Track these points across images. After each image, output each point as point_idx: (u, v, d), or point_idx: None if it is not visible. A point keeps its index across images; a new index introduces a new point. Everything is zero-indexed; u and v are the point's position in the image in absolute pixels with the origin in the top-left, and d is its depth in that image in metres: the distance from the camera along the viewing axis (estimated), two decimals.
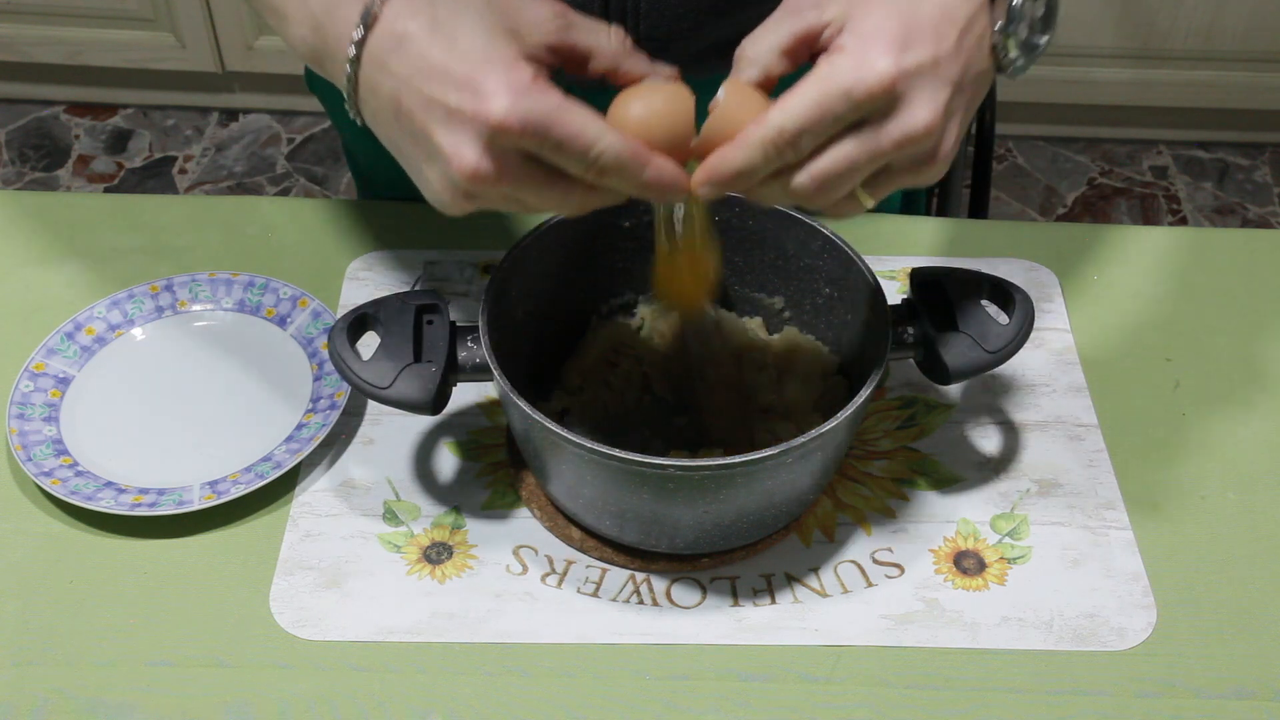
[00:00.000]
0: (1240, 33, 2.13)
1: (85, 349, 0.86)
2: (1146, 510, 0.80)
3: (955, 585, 0.76)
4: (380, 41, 0.58)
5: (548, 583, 0.76)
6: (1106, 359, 0.89)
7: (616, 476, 0.69)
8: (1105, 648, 0.73)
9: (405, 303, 0.75)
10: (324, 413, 0.82)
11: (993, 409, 0.85)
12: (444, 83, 0.56)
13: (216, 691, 0.70)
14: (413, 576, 0.76)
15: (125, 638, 0.72)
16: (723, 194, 0.60)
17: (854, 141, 0.57)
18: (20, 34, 2.22)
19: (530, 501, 0.79)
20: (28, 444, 0.80)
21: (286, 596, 0.74)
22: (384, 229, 0.96)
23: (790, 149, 0.57)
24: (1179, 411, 0.86)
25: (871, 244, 0.95)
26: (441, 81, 0.56)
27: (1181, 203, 2.25)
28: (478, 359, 0.73)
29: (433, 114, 0.57)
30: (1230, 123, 2.31)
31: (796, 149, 0.57)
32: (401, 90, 0.57)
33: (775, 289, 0.84)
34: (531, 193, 0.59)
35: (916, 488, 0.81)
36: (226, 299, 0.90)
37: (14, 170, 2.26)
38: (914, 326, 0.75)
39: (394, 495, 0.80)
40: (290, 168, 2.28)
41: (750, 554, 0.77)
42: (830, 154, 0.58)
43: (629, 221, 0.81)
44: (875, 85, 0.56)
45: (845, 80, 0.56)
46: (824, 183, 0.58)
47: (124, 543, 0.77)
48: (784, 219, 0.79)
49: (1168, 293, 0.93)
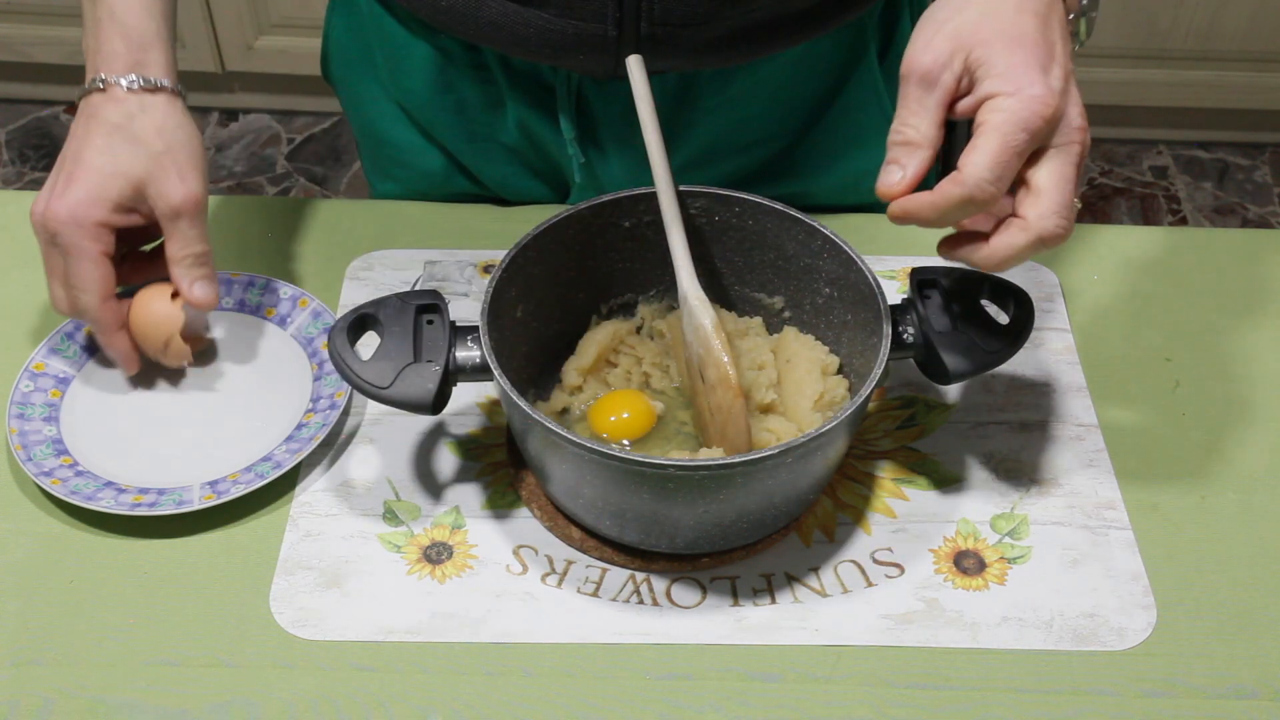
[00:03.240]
0: (1240, 33, 2.13)
1: (85, 349, 0.86)
2: (1146, 510, 0.80)
3: (955, 585, 0.76)
4: (83, 105, 0.81)
5: (548, 583, 0.76)
6: (1106, 359, 0.89)
7: (616, 476, 0.69)
8: (1105, 648, 0.73)
9: (405, 303, 0.75)
10: (324, 413, 0.82)
11: (993, 409, 0.85)
12: (60, 167, 0.80)
13: (216, 691, 0.70)
14: (413, 576, 0.76)
15: (125, 638, 0.72)
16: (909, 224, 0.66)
17: (1055, 164, 0.64)
18: (20, 34, 2.22)
19: (530, 501, 0.79)
20: (28, 444, 0.80)
21: (286, 596, 0.74)
22: (384, 229, 0.96)
23: (985, 196, 0.62)
24: (1179, 411, 0.86)
25: (871, 244, 0.95)
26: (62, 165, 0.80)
27: (1181, 203, 2.25)
28: (478, 359, 0.73)
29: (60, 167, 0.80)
30: (1230, 123, 2.31)
31: (991, 194, 0.62)
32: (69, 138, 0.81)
33: (775, 289, 0.84)
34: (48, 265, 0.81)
35: (916, 488, 0.81)
36: (226, 299, 0.90)
37: (14, 170, 2.26)
38: (914, 326, 0.75)
39: (394, 495, 0.80)
40: (290, 168, 2.28)
41: (750, 554, 0.77)
42: (1053, 187, 0.63)
43: (629, 221, 0.81)
44: (1046, 113, 0.62)
45: (1020, 119, 0.62)
46: (1066, 210, 0.64)
47: (124, 543, 0.77)
48: (784, 219, 0.79)
49: (1168, 293, 0.93)
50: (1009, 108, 0.62)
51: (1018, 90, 0.62)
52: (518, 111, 0.94)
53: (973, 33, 0.64)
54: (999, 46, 0.63)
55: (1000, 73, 0.63)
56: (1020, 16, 0.64)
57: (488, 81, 0.93)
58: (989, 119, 0.62)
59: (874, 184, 1.00)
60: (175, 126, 0.80)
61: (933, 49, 0.64)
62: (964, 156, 0.62)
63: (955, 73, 0.64)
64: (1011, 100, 0.62)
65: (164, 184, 0.79)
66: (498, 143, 0.97)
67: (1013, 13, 0.64)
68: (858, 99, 0.95)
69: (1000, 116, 0.62)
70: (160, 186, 0.78)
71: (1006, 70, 0.63)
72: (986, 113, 0.63)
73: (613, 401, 0.80)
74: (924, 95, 0.65)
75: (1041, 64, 0.63)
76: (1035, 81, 0.62)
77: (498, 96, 0.94)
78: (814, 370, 0.81)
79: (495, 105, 0.94)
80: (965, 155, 0.62)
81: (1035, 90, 0.62)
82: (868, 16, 0.92)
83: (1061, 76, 0.63)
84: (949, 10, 0.66)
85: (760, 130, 0.95)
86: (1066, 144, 0.64)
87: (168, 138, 0.79)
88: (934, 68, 0.64)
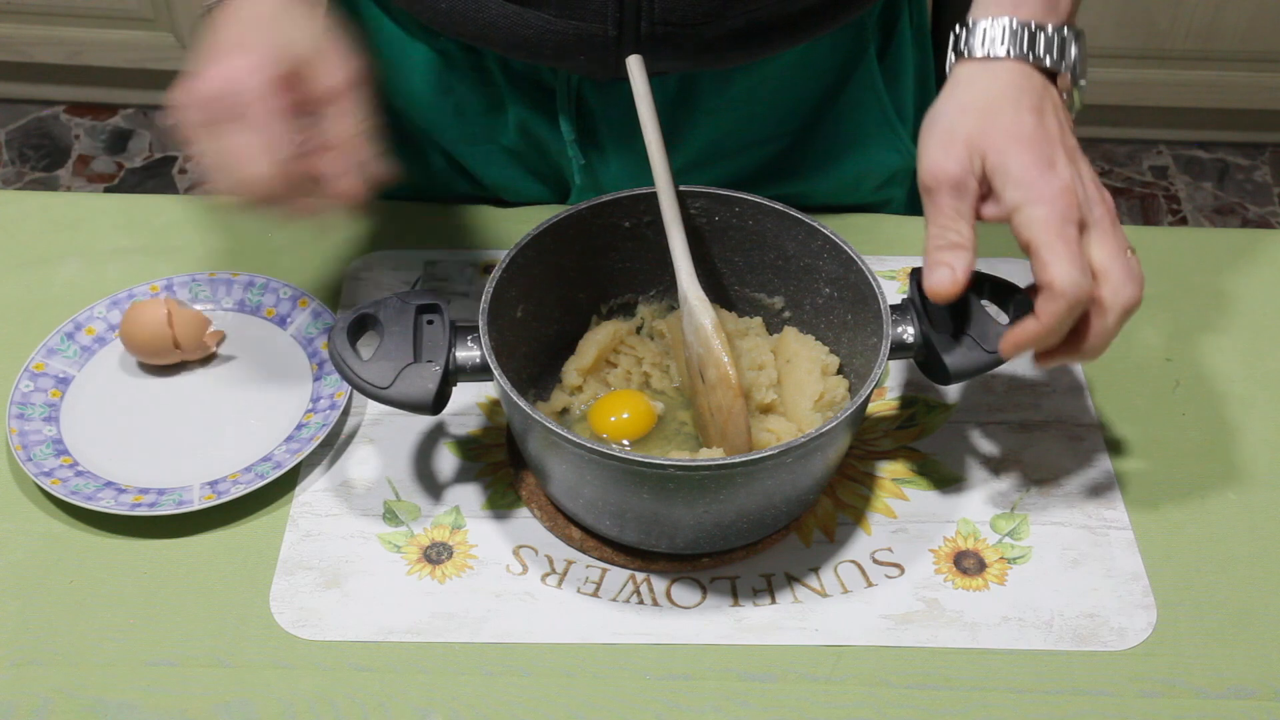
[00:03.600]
0: (1240, 33, 2.13)
1: (85, 349, 0.86)
2: (1146, 510, 0.80)
3: (955, 585, 0.76)
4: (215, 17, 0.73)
5: (548, 583, 0.76)
6: (1107, 359, 0.88)
7: (616, 476, 0.69)
8: (1105, 648, 0.73)
9: (405, 303, 0.75)
10: (324, 413, 0.82)
11: (993, 409, 0.85)
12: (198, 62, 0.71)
13: (216, 691, 0.70)
14: (413, 576, 0.76)
15: (125, 638, 0.72)
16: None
17: (1099, 241, 0.68)
18: (20, 34, 2.22)
19: (530, 501, 0.79)
20: (28, 444, 0.80)
21: (286, 596, 0.74)
22: (384, 229, 0.96)
23: (1083, 293, 0.67)
24: (1179, 411, 0.86)
25: (871, 244, 0.95)
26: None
27: (1181, 203, 2.25)
28: (478, 359, 0.73)
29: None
30: (1230, 123, 2.31)
31: (1087, 288, 0.67)
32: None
33: (775, 289, 0.84)
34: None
35: (916, 488, 0.81)
36: (226, 299, 0.90)
37: (14, 170, 2.26)
38: (914, 326, 0.75)
39: (394, 495, 0.80)
40: None
41: (750, 554, 0.77)
42: (1110, 261, 0.68)
43: (629, 221, 0.81)
44: (1074, 200, 0.68)
45: (1060, 216, 0.67)
46: (1131, 274, 0.69)
47: (124, 543, 0.77)
48: (784, 219, 0.79)
49: (1168, 293, 0.93)
50: (1044, 215, 0.67)
51: (1039, 194, 0.67)
52: (518, 114, 0.94)
53: (983, 139, 0.69)
54: (1011, 152, 0.68)
55: (1017, 179, 0.68)
56: (1019, 116, 0.69)
57: (488, 84, 0.93)
58: (1034, 232, 0.67)
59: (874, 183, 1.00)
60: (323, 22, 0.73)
61: (953, 157, 0.69)
62: (1040, 273, 0.67)
63: (977, 176, 0.69)
64: (1042, 207, 0.67)
65: (328, 62, 0.71)
66: (498, 145, 0.97)
67: (1011, 113, 0.70)
68: (857, 98, 0.95)
69: (1041, 225, 0.67)
70: (325, 64, 0.71)
71: (1022, 176, 0.68)
72: (1027, 225, 0.68)
73: (613, 402, 0.80)
74: (957, 202, 0.69)
75: (1049, 159, 0.68)
76: (1050, 180, 0.68)
77: (498, 99, 0.94)
78: (814, 370, 0.81)
79: (495, 108, 0.94)
80: (1040, 272, 0.67)
81: (1054, 186, 0.67)
82: (867, 16, 0.92)
83: (1067, 161, 0.69)
84: (953, 116, 0.71)
85: (760, 130, 0.95)
86: (1098, 218, 0.68)
87: (319, 25, 0.73)
88: (960, 175, 0.69)
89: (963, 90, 0.72)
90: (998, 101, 0.70)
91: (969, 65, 0.73)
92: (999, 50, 0.71)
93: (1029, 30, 0.71)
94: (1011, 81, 0.71)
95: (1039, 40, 0.72)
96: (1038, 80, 0.72)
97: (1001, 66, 0.71)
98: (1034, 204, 0.67)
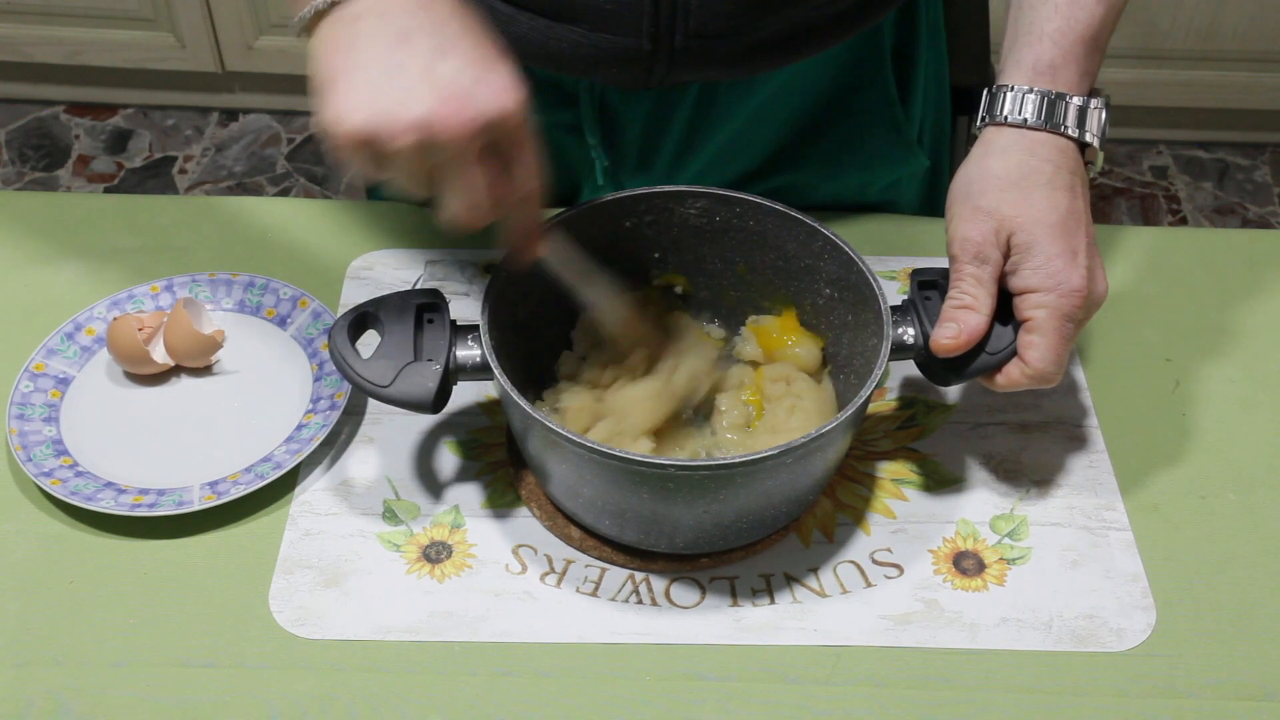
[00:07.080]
0: (1240, 33, 2.13)
1: (85, 349, 0.86)
2: (1146, 510, 0.80)
3: (955, 586, 0.76)
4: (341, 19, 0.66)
5: (547, 582, 0.76)
6: (1106, 359, 0.89)
7: (616, 476, 0.69)
8: (1105, 648, 0.73)
9: (406, 301, 0.75)
10: (324, 413, 0.82)
11: (992, 410, 0.85)
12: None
13: (216, 691, 0.70)
14: (412, 576, 0.76)
15: (125, 638, 0.72)
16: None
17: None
18: (20, 34, 2.22)
19: (529, 501, 0.79)
20: (28, 444, 0.80)
21: (286, 596, 0.74)
22: (384, 229, 0.96)
23: (1051, 382, 0.73)
24: (1179, 411, 0.86)
25: (871, 244, 0.95)
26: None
27: (1181, 203, 2.25)
28: (478, 358, 0.73)
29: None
30: (1230, 123, 2.31)
31: (1056, 380, 0.73)
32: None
33: (775, 289, 0.84)
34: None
35: (916, 488, 0.81)
36: (226, 299, 0.90)
37: (14, 170, 2.26)
38: (914, 327, 0.75)
39: (394, 494, 0.80)
40: (290, 168, 2.28)
41: (750, 554, 0.77)
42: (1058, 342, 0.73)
43: (629, 221, 0.81)
44: (1081, 303, 0.72)
45: (1064, 313, 0.71)
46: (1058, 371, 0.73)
47: (124, 543, 0.77)
48: (785, 220, 0.79)
49: (1168, 293, 0.93)
50: (1053, 305, 0.71)
51: (1057, 285, 0.71)
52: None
53: (1014, 216, 0.72)
54: (1040, 234, 0.71)
55: (1040, 265, 0.71)
56: (1054, 195, 0.72)
57: None
58: (1039, 316, 0.71)
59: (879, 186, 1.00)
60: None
61: (980, 229, 0.72)
62: (1025, 351, 0.72)
63: (1002, 249, 0.73)
64: (1053, 297, 0.71)
65: (516, 116, 0.67)
66: None
67: (1046, 191, 0.72)
68: (869, 99, 0.95)
69: (1046, 313, 0.71)
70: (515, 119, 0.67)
71: (1045, 263, 0.71)
72: (1035, 308, 0.72)
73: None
74: (979, 271, 0.73)
75: (1074, 250, 0.72)
76: (1071, 274, 0.71)
77: None
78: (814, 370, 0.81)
79: None
80: (1026, 350, 0.72)
81: (1073, 283, 0.71)
82: (884, 18, 0.92)
83: (1086, 256, 0.72)
84: (986, 186, 0.73)
85: (772, 130, 0.95)
86: (1080, 319, 0.72)
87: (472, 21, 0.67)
88: (985, 247, 0.72)
89: (995, 159, 0.74)
90: (1031, 177, 0.73)
91: (1001, 131, 0.75)
92: (1030, 117, 0.74)
93: (1063, 102, 0.74)
94: (1047, 156, 0.73)
95: (1070, 112, 0.74)
96: (1071, 154, 0.74)
97: (1034, 137, 0.74)
98: (1048, 293, 0.71)
